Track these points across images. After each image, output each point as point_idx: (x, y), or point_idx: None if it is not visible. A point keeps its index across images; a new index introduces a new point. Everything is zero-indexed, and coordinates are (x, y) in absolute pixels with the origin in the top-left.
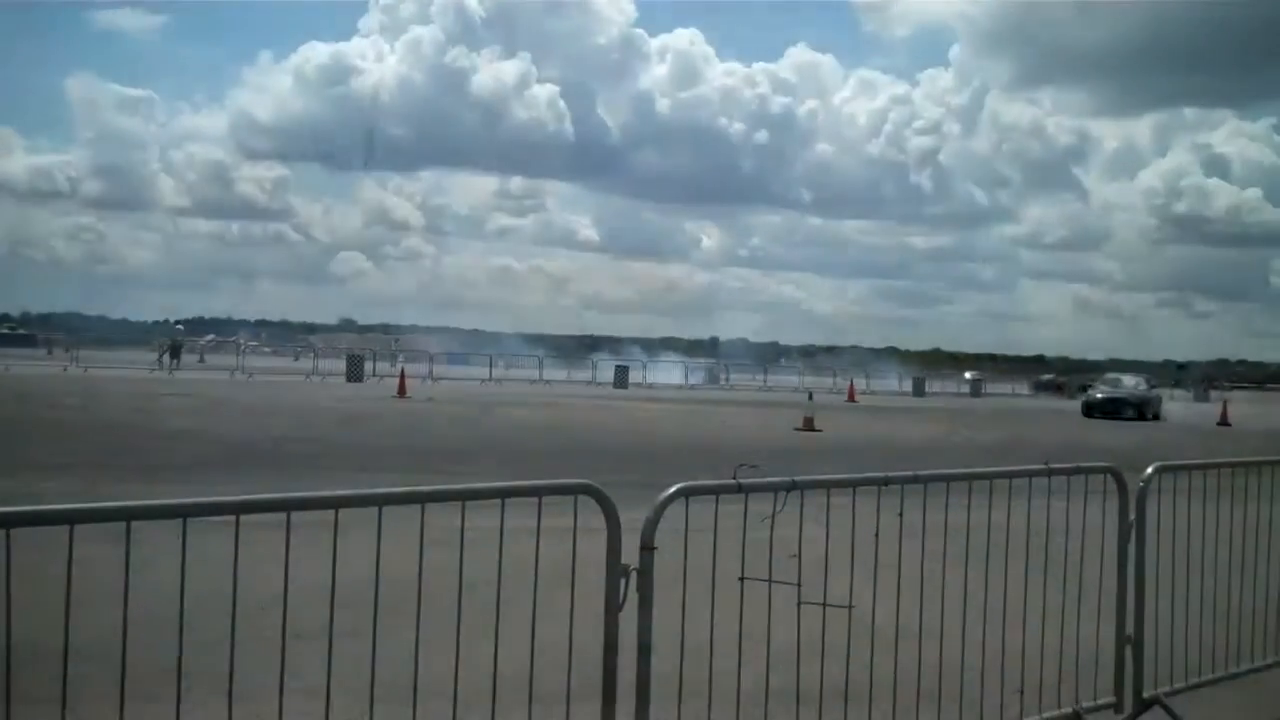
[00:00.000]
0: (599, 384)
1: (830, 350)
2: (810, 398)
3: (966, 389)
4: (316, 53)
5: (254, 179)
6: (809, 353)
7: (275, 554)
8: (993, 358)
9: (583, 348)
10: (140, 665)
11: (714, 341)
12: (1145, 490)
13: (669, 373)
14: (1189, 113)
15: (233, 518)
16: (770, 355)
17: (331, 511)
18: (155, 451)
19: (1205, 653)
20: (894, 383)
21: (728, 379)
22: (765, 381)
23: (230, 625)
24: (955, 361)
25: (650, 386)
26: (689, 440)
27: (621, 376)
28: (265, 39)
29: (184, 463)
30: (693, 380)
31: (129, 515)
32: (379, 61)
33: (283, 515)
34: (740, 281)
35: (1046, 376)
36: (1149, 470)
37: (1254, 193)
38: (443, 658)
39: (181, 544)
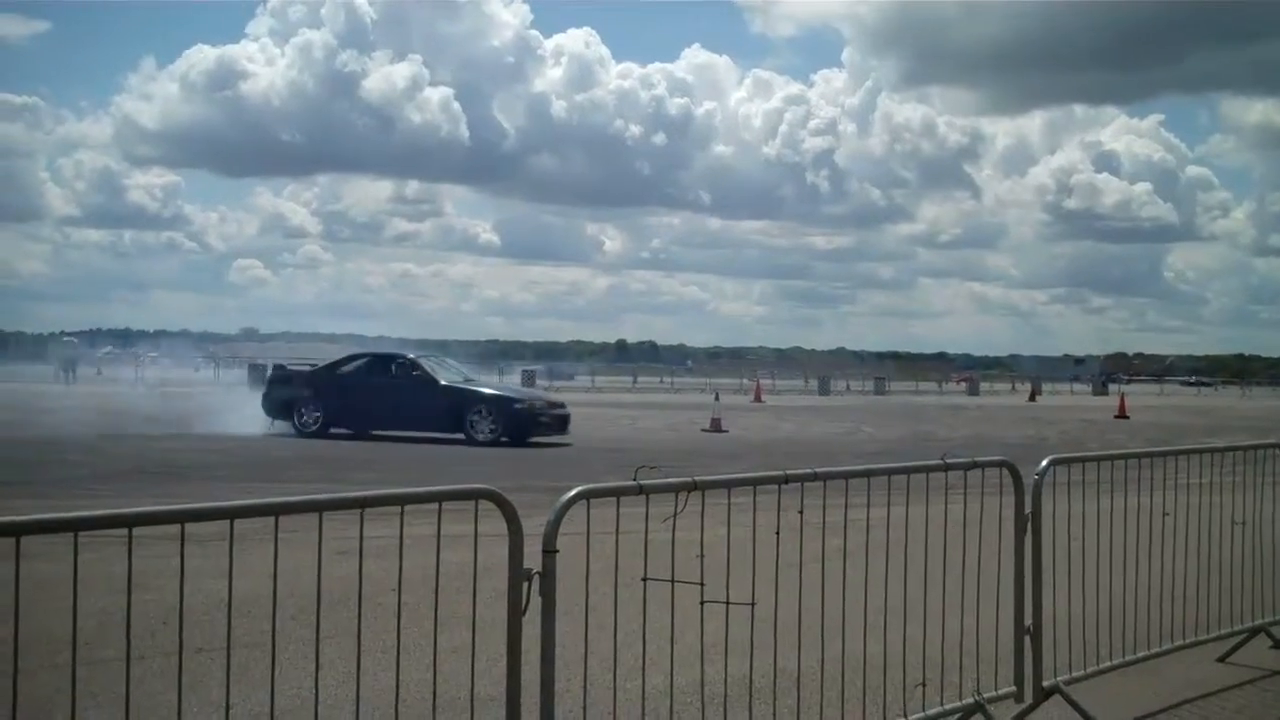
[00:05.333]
0: None
1: (736, 352)
2: (717, 398)
3: (870, 386)
4: (204, 56)
5: (144, 186)
6: (715, 354)
7: (172, 567)
8: (895, 356)
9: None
10: (34, 685)
11: (621, 344)
12: (1040, 483)
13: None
14: (1078, 110)
15: (126, 531)
16: (678, 357)
17: (228, 523)
18: (49, 465)
19: (1103, 641)
20: (800, 382)
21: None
22: (673, 383)
23: (126, 640)
24: (860, 360)
25: (557, 390)
26: (595, 443)
27: (529, 381)
28: (149, 43)
29: (77, 476)
30: (599, 383)
31: (18, 531)
32: (269, 65)
33: (177, 527)
34: (644, 284)
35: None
36: (1044, 463)
37: (1144, 187)
38: (345, 668)
39: (73, 558)
